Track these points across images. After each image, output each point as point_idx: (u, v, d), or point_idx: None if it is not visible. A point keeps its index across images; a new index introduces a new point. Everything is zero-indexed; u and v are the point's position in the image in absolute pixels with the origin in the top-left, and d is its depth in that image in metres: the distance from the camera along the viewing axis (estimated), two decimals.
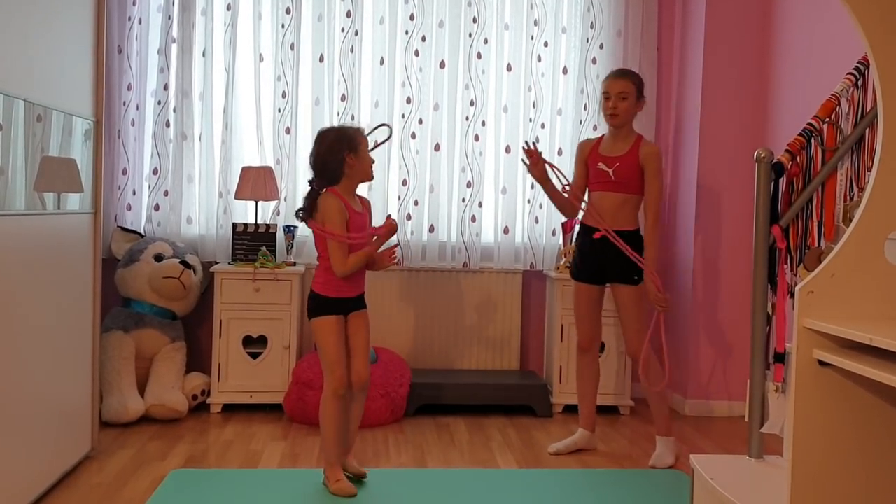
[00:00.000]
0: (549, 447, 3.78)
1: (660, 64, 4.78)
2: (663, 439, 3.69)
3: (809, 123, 2.74)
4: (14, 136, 2.70)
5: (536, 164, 3.61)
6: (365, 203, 3.33)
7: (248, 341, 4.24)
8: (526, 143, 3.70)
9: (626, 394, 4.46)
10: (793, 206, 2.76)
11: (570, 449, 3.77)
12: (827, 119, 2.71)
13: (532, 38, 4.65)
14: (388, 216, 3.53)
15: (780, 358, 2.66)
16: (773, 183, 2.77)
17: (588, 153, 3.72)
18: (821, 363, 2.07)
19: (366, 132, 3.28)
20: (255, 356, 4.24)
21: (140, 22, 4.45)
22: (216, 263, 4.42)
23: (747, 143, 4.39)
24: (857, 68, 2.68)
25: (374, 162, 3.30)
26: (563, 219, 4.64)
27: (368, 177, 3.30)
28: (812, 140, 2.74)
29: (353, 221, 3.19)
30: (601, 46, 4.67)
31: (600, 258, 3.62)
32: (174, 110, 4.48)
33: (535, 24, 4.65)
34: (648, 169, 3.59)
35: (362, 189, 4.40)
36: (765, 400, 2.74)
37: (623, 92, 3.58)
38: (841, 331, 1.96)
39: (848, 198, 2.63)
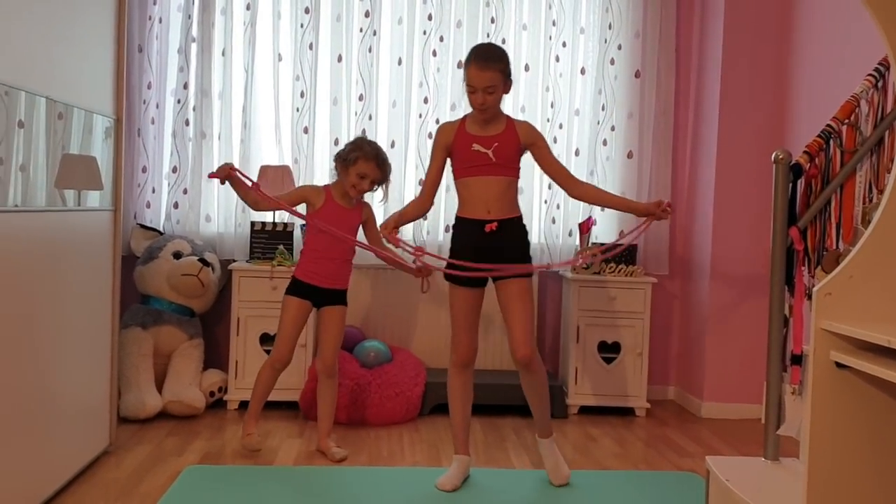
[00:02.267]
0: (436, 483, 3.24)
1: (678, 65, 4.76)
2: (549, 441, 3.36)
3: (828, 125, 2.72)
4: (36, 134, 2.73)
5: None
6: (362, 207, 3.64)
7: (265, 339, 4.26)
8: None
9: (643, 395, 4.45)
10: (811, 208, 2.74)
11: (461, 479, 3.28)
12: (846, 121, 2.69)
13: (550, 38, 4.65)
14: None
15: (798, 360, 2.65)
16: (791, 184, 2.76)
17: (454, 137, 3.23)
18: (838, 365, 2.06)
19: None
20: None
21: (160, 21, 4.49)
22: (234, 261, 4.45)
23: (765, 145, 4.37)
24: (877, 69, 2.66)
25: (361, 191, 3.54)
26: (580, 219, 4.64)
27: (348, 190, 3.55)
28: (831, 142, 2.72)
29: (328, 208, 3.52)
30: (619, 47, 4.66)
31: (494, 253, 3.21)
32: (193, 109, 4.51)
33: (554, 24, 4.65)
34: (539, 145, 3.27)
35: (386, 197, 4.47)
36: (781, 402, 2.73)
37: (490, 87, 3.09)
38: (859, 333, 1.95)
39: (867, 200, 2.62)
